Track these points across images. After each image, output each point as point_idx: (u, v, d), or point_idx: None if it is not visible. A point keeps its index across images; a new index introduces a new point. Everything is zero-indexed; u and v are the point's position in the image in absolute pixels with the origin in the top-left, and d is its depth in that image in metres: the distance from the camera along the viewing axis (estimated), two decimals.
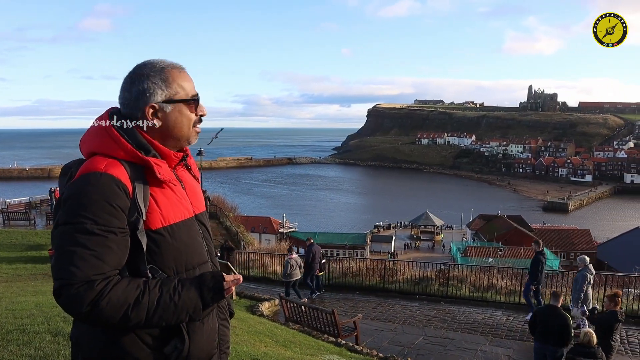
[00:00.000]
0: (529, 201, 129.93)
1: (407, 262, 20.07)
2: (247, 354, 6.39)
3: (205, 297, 1.70)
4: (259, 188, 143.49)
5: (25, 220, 29.86)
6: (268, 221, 66.62)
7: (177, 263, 1.78)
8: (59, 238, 1.60)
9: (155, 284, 1.65)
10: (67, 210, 1.60)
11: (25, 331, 5.81)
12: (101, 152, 1.71)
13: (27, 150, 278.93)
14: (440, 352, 10.73)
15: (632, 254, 53.86)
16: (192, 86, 1.86)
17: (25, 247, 21.24)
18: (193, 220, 1.87)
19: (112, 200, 1.61)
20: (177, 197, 1.82)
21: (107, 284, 1.57)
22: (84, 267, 1.54)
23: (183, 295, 1.66)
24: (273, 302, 14.18)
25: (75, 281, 1.53)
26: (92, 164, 1.66)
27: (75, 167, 1.76)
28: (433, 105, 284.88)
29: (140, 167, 1.72)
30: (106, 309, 1.54)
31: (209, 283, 1.72)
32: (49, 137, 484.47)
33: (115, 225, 1.61)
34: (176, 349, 1.72)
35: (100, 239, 1.58)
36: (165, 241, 1.74)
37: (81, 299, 1.52)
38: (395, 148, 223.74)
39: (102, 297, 1.54)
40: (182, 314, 1.67)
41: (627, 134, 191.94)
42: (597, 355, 7.58)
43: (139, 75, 1.78)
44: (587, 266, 11.85)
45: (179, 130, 1.83)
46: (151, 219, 1.71)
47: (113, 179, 1.63)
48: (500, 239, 61.65)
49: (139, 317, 1.59)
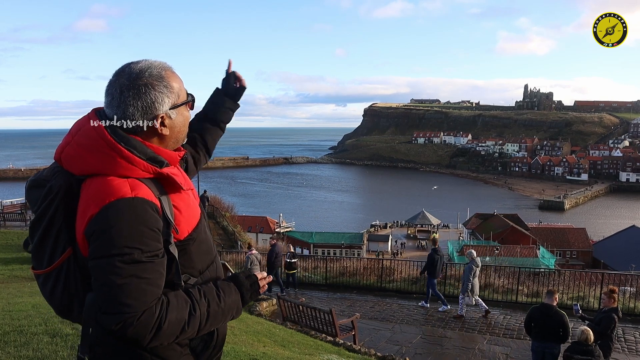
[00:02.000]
0: (525, 200, 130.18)
1: (404, 261, 20.10)
2: (246, 354, 6.38)
3: (245, 296, 1.82)
4: (255, 188, 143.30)
5: (21, 221, 29.78)
6: (265, 221, 66.49)
7: (202, 263, 1.82)
8: (104, 272, 1.52)
9: (199, 294, 1.69)
10: (107, 242, 1.53)
11: (23, 332, 5.78)
12: (114, 174, 1.61)
13: (22, 151, 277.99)
14: (438, 351, 10.75)
15: (627, 252, 54.07)
16: (183, 84, 1.81)
17: (22, 248, 21.14)
18: (203, 215, 1.89)
19: (151, 224, 1.58)
20: (192, 199, 1.82)
21: (162, 307, 1.57)
22: (141, 297, 1.53)
23: (227, 299, 1.75)
24: (271, 302, 14.19)
25: (137, 312, 1.52)
26: (116, 189, 1.58)
27: (55, 180, 1.67)
28: (429, 105, 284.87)
29: (157, 179, 1.69)
30: (167, 331, 1.58)
31: (246, 284, 1.83)
32: (44, 137, 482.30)
33: (157, 248, 1.60)
34: (202, 341, 1.80)
35: (150, 266, 1.56)
36: (192, 246, 1.77)
37: (144, 328, 1.53)
38: (391, 147, 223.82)
39: (163, 322, 1.56)
40: (228, 317, 1.78)
41: (622, 133, 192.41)
42: (594, 353, 7.60)
43: (141, 86, 1.66)
44: (474, 260, 13.36)
45: (182, 132, 1.82)
46: (180, 230, 1.71)
47: (146, 202, 1.59)
48: (496, 237, 61.71)
49: (193, 330, 1.65)
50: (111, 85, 1.68)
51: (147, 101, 1.67)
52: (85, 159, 1.64)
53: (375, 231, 78.15)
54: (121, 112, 1.66)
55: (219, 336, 1.84)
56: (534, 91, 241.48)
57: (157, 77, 1.69)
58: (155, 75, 1.70)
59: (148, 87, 1.67)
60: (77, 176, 1.67)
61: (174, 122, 1.75)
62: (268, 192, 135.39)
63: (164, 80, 1.71)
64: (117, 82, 1.67)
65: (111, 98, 1.68)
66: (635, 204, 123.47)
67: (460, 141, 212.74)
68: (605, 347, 8.57)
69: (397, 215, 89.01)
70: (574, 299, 14.72)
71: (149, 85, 1.67)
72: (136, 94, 1.65)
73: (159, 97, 1.69)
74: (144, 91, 1.66)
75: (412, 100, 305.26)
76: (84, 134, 1.66)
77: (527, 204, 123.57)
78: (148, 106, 1.67)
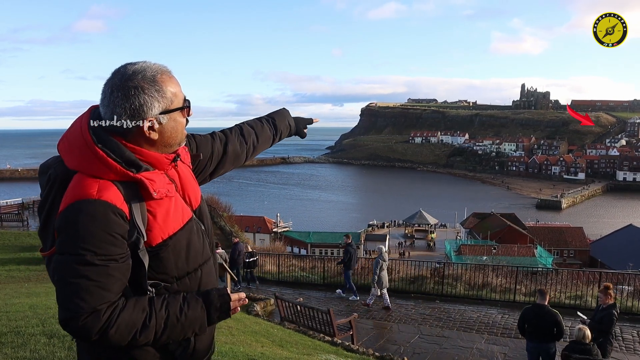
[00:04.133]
0: (523, 199, 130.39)
1: (401, 260, 20.10)
2: (244, 354, 6.36)
3: (212, 316, 1.75)
4: (252, 187, 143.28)
5: (18, 221, 29.75)
6: (262, 221, 66.41)
7: (179, 270, 1.77)
8: (60, 268, 1.56)
9: (161, 304, 1.66)
10: (65, 240, 1.55)
11: (20, 333, 5.76)
12: (88, 173, 1.62)
13: (19, 151, 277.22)
14: (436, 351, 10.74)
15: (625, 251, 54.11)
16: (180, 89, 1.77)
17: (19, 248, 21.12)
18: (192, 220, 1.84)
19: (110, 229, 1.56)
20: (175, 204, 1.77)
21: (113, 311, 1.56)
22: (89, 298, 1.52)
23: (189, 314, 1.69)
24: (268, 302, 14.17)
25: (82, 313, 1.52)
26: (83, 189, 1.58)
27: (55, 168, 1.71)
28: (426, 104, 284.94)
29: (133, 183, 1.66)
30: (115, 336, 1.56)
31: (216, 302, 1.76)
32: (42, 137, 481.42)
33: (115, 253, 1.58)
34: (180, 346, 1.76)
35: (102, 269, 1.55)
36: (166, 253, 1.73)
37: (89, 329, 1.53)
38: (388, 147, 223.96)
39: (110, 326, 1.55)
40: (189, 332, 1.71)
41: (619, 132, 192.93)
42: (592, 351, 7.61)
43: (131, 88, 1.64)
44: (382, 254, 14.50)
45: (174, 138, 1.76)
46: (151, 236, 1.68)
47: (108, 206, 1.57)
48: (494, 237, 61.75)
49: (147, 339, 1.62)
50: (105, 84, 1.69)
51: (135, 104, 1.64)
52: (71, 155, 1.66)
53: (372, 231, 78.17)
54: (110, 111, 1.65)
55: (196, 344, 1.80)
56: (530, 90, 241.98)
57: (149, 81, 1.67)
58: (149, 78, 1.67)
59: (138, 89, 1.64)
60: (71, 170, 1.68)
61: (164, 127, 1.71)
62: (265, 192, 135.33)
63: (156, 85, 1.68)
64: (110, 81, 1.67)
65: (103, 96, 1.68)
66: (632, 203, 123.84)
67: (457, 140, 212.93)
68: (604, 346, 8.59)
69: (395, 215, 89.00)
70: (572, 298, 14.76)
71: (139, 87, 1.65)
72: (125, 95, 1.64)
73: (148, 100, 1.66)
74: (133, 93, 1.64)
75: (410, 99, 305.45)
76: (73, 131, 1.68)
77: (524, 203, 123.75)
78: (136, 109, 1.65)
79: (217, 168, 2.24)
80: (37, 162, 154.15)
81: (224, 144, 2.24)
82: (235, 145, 2.29)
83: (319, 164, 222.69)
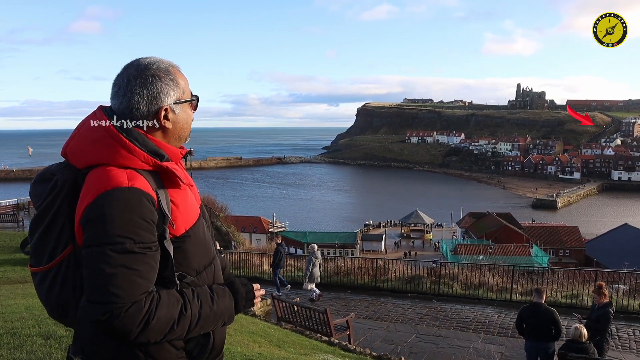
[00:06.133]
0: (518, 199, 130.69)
1: (398, 260, 20.12)
2: (241, 354, 6.35)
3: (239, 305, 1.81)
4: (248, 188, 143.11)
5: (13, 222, 29.64)
6: (258, 221, 66.46)
7: (199, 263, 1.79)
8: (94, 261, 1.50)
9: (192, 295, 1.66)
10: (99, 231, 1.51)
11: (16, 335, 5.73)
12: (113, 163, 1.62)
13: (14, 151, 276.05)
14: (433, 350, 10.75)
15: (620, 250, 54.34)
16: (188, 84, 1.84)
17: (14, 249, 21.00)
18: (201, 216, 1.87)
19: (145, 215, 1.56)
20: (190, 196, 1.82)
21: (152, 302, 1.54)
22: (130, 288, 1.49)
23: (220, 304, 1.73)
24: (265, 302, 14.15)
25: (125, 303, 1.48)
26: (113, 179, 1.57)
27: (61, 174, 1.69)
28: (422, 104, 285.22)
29: (156, 173, 1.68)
30: (155, 328, 1.54)
31: (242, 292, 1.83)
32: (37, 137, 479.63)
33: (150, 240, 1.57)
34: (198, 344, 1.76)
35: (141, 257, 1.54)
36: (189, 244, 1.74)
37: (132, 321, 1.49)
38: (384, 147, 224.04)
39: (152, 317, 1.53)
40: (219, 322, 1.75)
41: (614, 132, 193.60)
42: (588, 350, 7.63)
43: (149, 76, 1.70)
44: (314, 252, 15.60)
45: (185, 130, 1.82)
46: (176, 226, 1.69)
47: (142, 193, 1.58)
48: (490, 236, 61.96)
49: (182, 330, 1.61)
50: (119, 77, 1.73)
51: (153, 90, 1.70)
52: (87, 151, 1.66)
53: (368, 230, 78.24)
54: (127, 100, 1.69)
55: (215, 340, 1.80)
56: (526, 90, 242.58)
57: (164, 71, 1.74)
58: (163, 68, 1.74)
59: (155, 77, 1.71)
60: (82, 170, 1.67)
61: (177, 117, 1.77)
62: (261, 192, 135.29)
63: (170, 74, 1.75)
64: (125, 73, 1.72)
65: (117, 88, 1.72)
66: (627, 202, 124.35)
67: (453, 140, 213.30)
68: (600, 344, 8.61)
69: (391, 215, 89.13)
70: (568, 297, 14.80)
71: (156, 76, 1.71)
72: (143, 83, 1.69)
73: (165, 88, 1.72)
74: (150, 81, 1.70)
75: (405, 99, 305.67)
76: (88, 127, 1.69)
77: (520, 202, 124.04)
78: (153, 96, 1.70)
79: None
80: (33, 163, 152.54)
81: None
82: None
83: (315, 164, 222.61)
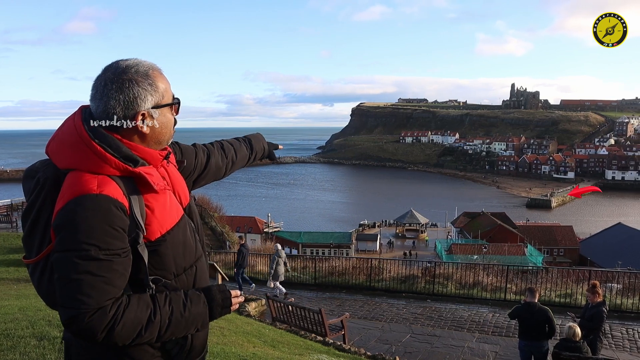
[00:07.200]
0: (513, 198, 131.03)
1: (392, 260, 20.15)
2: (235, 354, 6.34)
3: (214, 312, 1.78)
4: (243, 188, 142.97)
5: (6, 222, 29.48)
6: (253, 221, 66.35)
7: (177, 266, 1.78)
8: (61, 266, 1.53)
9: (164, 300, 1.66)
10: (67, 237, 1.53)
11: (9, 336, 5.70)
12: (85, 169, 1.62)
13: (8, 151, 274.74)
14: (428, 350, 10.77)
15: (614, 249, 54.59)
16: (170, 86, 1.81)
17: (7, 250, 20.90)
18: (185, 217, 1.86)
19: (113, 222, 1.56)
20: (170, 199, 1.80)
21: (119, 308, 1.55)
22: (95, 294, 1.51)
23: (193, 310, 1.71)
24: (260, 302, 14.13)
25: (88, 310, 1.50)
26: (82, 185, 1.58)
27: (44, 170, 1.70)
28: (417, 104, 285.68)
29: (130, 178, 1.68)
30: (121, 333, 1.55)
31: (218, 299, 1.78)
32: (31, 137, 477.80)
33: (118, 247, 1.57)
34: (177, 344, 1.76)
35: (107, 264, 1.54)
36: (165, 248, 1.73)
37: (95, 327, 1.51)
38: (379, 147, 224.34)
39: (117, 323, 1.53)
40: (191, 328, 1.73)
41: (607, 131, 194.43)
42: (582, 349, 7.66)
43: (125, 80, 1.67)
44: (278, 252, 16.34)
45: (164, 134, 1.79)
46: (150, 231, 1.69)
47: (110, 200, 1.58)
48: (484, 236, 62.09)
49: (151, 335, 1.61)
50: (97, 79, 1.70)
51: (130, 96, 1.67)
52: (64, 154, 1.66)
53: (363, 230, 78.25)
54: (103, 104, 1.67)
55: (193, 341, 1.80)
56: (520, 90, 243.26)
57: (142, 75, 1.70)
58: (142, 72, 1.71)
59: (132, 82, 1.67)
60: (62, 170, 1.67)
61: (156, 121, 1.74)
62: (256, 192, 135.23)
63: (149, 79, 1.71)
64: (103, 76, 1.69)
65: (95, 91, 1.69)
66: (620, 201, 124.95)
67: (447, 140, 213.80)
68: (593, 343, 8.64)
69: (386, 215, 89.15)
70: (562, 296, 14.86)
71: (133, 80, 1.68)
72: (119, 88, 1.66)
73: (142, 93, 1.69)
74: (127, 85, 1.67)
75: (400, 99, 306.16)
76: (65, 130, 1.69)
77: (514, 202, 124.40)
78: (130, 101, 1.67)
79: (198, 179, 2.24)
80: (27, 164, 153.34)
81: (207, 155, 2.27)
82: (218, 159, 2.32)
83: (310, 164, 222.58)
